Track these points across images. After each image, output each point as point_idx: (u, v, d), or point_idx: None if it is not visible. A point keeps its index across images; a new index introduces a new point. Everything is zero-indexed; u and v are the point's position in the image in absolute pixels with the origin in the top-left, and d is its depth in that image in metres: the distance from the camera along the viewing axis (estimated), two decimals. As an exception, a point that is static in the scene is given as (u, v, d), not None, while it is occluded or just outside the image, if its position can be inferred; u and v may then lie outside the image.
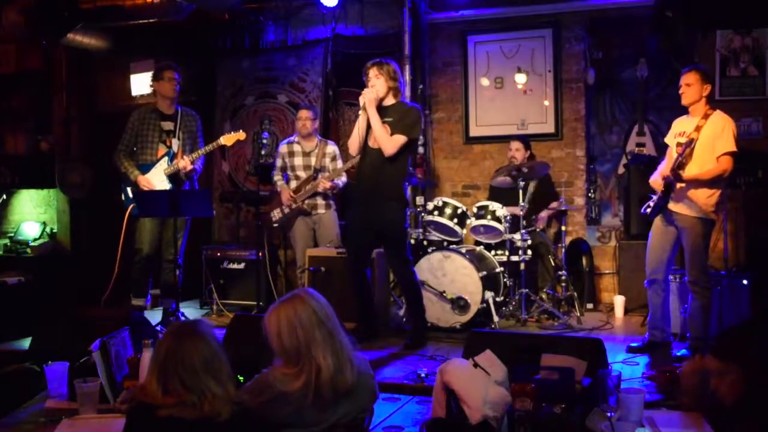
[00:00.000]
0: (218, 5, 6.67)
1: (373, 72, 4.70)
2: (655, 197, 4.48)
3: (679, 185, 4.32)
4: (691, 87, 4.36)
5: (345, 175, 5.94)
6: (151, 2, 6.41)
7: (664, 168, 4.49)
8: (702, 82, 4.35)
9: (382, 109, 4.72)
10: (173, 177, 5.50)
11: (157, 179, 5.46)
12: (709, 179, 4.27)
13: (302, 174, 5.90)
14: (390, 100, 4.77)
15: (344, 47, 7.02)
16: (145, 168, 5.50)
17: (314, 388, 2.24)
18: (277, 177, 6.02)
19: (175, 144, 5.54)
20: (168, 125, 5.56)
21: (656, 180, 4.50)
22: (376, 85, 4.68)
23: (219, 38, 7.37)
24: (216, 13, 6.88)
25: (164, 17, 6.49)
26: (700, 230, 4.33)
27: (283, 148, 6.01)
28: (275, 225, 6.03)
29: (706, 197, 4.31)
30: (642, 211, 4.58)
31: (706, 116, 4.35)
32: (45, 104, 7.27)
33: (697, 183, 4.29)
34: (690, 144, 4.25)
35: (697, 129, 4.33)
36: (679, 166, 4.31)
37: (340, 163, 5.90)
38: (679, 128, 4.51)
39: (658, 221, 4.55)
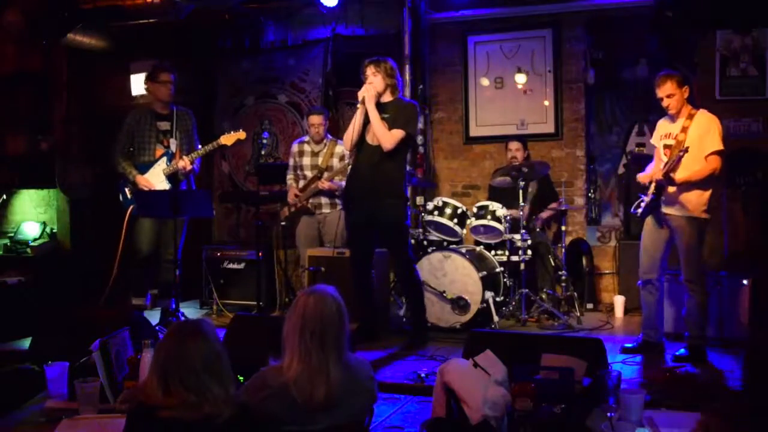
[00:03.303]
0: (218, 5, 6.67)
1: (370, 69, 4.73)
2: (644, 197, 4.50)
3: (670, 188, 4.33)
4: (673, 97, 4.36)
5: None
6: (151, 2, 6.40)
7: (653, 170, 4.50)
8: (680, 86, 4.35)
9: (380, 106, 4.74)
10: (172, 177, 5.50)
11: (156, 179, 5.46)
12: (700, 180, 4.29)
13: (309, 173, 5.92)
14: (387, 97, 4.78)
15: (344, 47, 7.03)
16: (143, 168, 5.49)
17: (294, 385, 2.25)
18: (289, 176, 6.04)
19: (173, 144, 5.54)
20: (164, 125, 5.56)
21: (643, 176, 4.52)
22: (374, 82, 4.70)
23: (219, 38, 7.37)
24: (216, 13, 6.88)
25: (164, 17, 6.48)
26: (693, 229, 4.35)
27: (294, 147, 6.04)
28: (283, 223, 6.05)
29: (697, 197, 4.33)
30: (632, 211, 4.61)
31: (690, 116, 4.38)
32: (45, 104, 7.25)
33: (688, 184, 4.30)
34: (685, 151, 4.24)
35: (684, 130, 4.35)
36: (671, 170, 4.32)
37: (346, 163, 5.89)
38: (665, 130, 4.53)
39: (650, 221, 4.56)
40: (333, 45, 7.06)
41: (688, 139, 4.31)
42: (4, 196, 7.40)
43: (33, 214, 7.39)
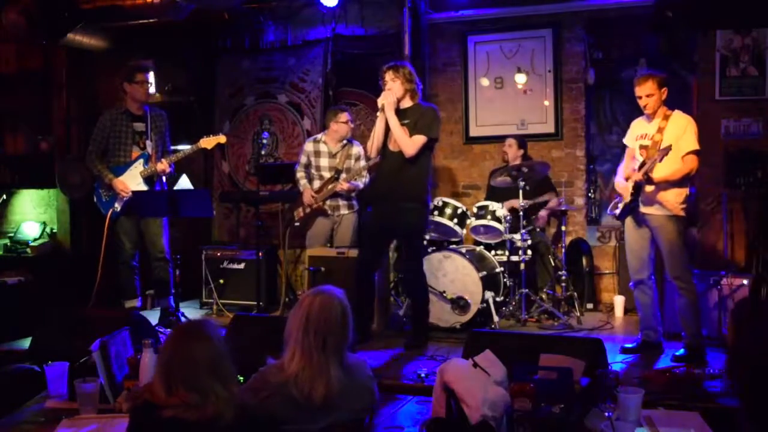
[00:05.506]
0: (218, 5, 6.66)
1: (389, 75, 4.72)
2: (620, 198, 4.54)
3: (648, 188, 4.36)
4: (651, 97, 4.39)
5: (367, 176, 5.81)
6: (151, 2, 6.41)
7: (626, 171, 4.53)
8: (659, 87, 4.39)
9: (399, 112, 4.73)
10: (148, 179, 5.47)
11: (133, 181, 5.41)
12: (677, 179, 4.33)
13: (326, 174, 5.82)
14: (407, 102, 4.77)
15: (344, 47, 7.02)
16: (119, 170, 5.44)
17: (293, 382, 2.26)
18: (300, 174, 5.88)
19: (149, 146, 5.49)
20: (140, 126, 5.52)
21: (622, 185, 4.52)
22: (393, 88, 4.70)
23: (219, 38, 7.36)
24: (216, 13, 6.88)
25: (164, 17, 6.48)
26: (673, 228, 4.38)
27: (308, 145, 5.90)
28: (297, 224, 5.96)
29: (675, 196, 4.37)
30: (609, 212, 4.64)
31: (666, 117, 4.41)
32: (45, 104, 7.27)
33: (665, 184, 4.34)
34: (667, 150, 4.25)
35: (660, 131, 4.38)
36: (649, 170, 4.34)
37: (363, 164, 5.81)
38: (640, 130, 4.56)
39: (630, 223, 4.59)
40: (333, 45, 7.06)
41: (665, 139, 4.35)
42: (4, 196, 7.41)
43: (33, 214, 7.41)
